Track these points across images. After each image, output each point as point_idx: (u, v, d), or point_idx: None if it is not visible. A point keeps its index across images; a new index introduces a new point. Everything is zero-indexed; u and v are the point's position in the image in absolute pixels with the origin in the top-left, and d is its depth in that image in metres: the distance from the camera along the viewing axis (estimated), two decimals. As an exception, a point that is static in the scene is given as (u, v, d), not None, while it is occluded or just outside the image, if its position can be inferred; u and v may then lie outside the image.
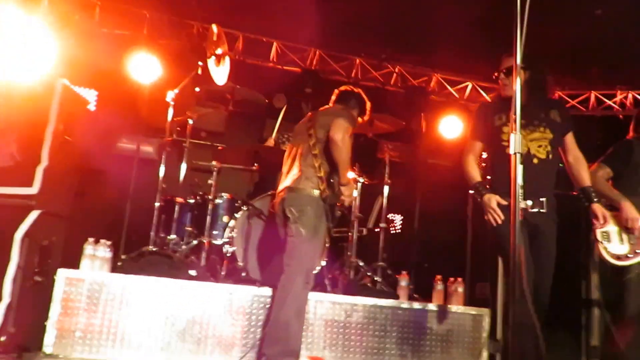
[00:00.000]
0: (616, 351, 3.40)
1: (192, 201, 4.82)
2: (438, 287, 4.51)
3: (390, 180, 5.22)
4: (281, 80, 6.78)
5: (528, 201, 2.94)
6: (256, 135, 6.75)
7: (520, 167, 2.16)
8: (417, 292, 4.79)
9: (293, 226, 3.43)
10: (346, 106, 3.82)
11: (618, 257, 3.33)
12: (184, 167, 4.73)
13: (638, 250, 3.33)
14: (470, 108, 6.97)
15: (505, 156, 3.16)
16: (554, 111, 3.23)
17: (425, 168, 6.86)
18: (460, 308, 4.27)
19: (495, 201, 3.02)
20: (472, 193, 3.28)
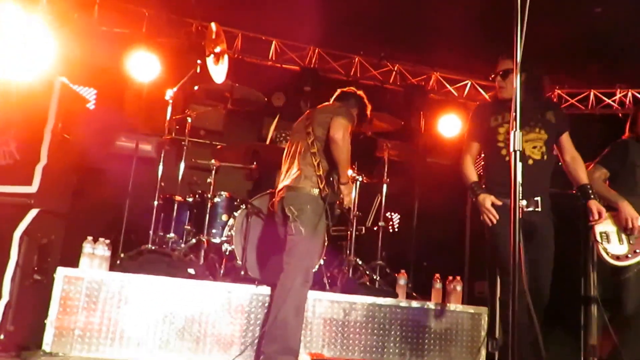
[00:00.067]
0: (614, 349, 3.40)
1: (191, 200, 4.80)
2: (436, 286, 4.51)
3: (388, 178, 5.22)
4: (280, 78, 6.79)
5: (523, 201, 2.95)
6: (255, 133, 6.76)
7: (519, 165, 2.17)
8: (416, 291, 4.81)
9: (293, 225, 3.42)
10: (345, 104, 3.76)
11: (618, 258, 3.33)
12: (183, 166, 4.72)
13: (637, 250, 3.33)
14: (469, 106, 6.98)
15: (499, 157, 3.19)
16: (550, 112, 3.25)
17: (424, 167, 6.87)
18: (458, 307, 4.27)
19: (489, 201, 3.05)
20: (468, 193, 3.29)
